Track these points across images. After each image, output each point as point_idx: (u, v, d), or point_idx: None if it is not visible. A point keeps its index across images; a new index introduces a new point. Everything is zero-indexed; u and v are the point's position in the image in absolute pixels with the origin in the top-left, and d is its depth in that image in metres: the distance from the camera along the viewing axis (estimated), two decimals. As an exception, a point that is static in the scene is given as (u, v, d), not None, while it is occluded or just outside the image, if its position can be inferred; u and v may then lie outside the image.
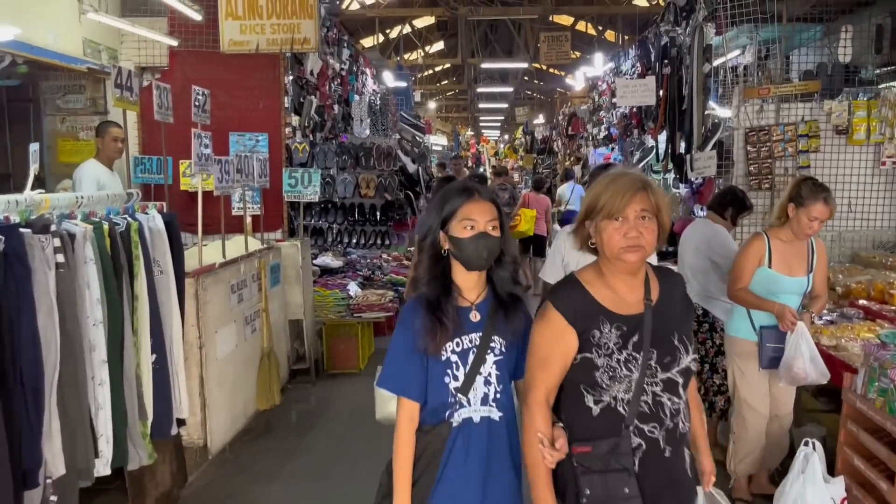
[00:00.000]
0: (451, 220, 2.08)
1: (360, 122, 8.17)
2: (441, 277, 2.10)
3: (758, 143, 5.98)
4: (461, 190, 2.11)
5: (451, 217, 2.08)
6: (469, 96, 30.93)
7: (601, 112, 12.23)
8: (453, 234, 2.06)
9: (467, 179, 7.22)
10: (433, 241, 2.10)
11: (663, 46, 6.50)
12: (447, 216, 2.09)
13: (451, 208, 2.08)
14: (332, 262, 7.71)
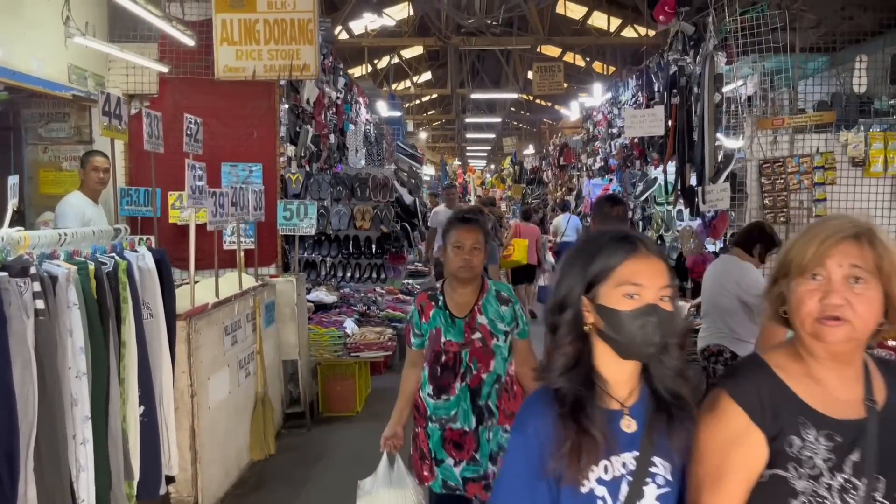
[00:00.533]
0: (601, 282, 1.46)
1: (355, 151, 7.91)
2: (583, 366, 1.49)
3: (772, 176, 5.78)
4: (618, 239, 1.48)
5: (602, 278, 1.46)
6: (457, 126, 30.90)
7: (596, 142, 12.08)
8: (605, 303, 1.45)
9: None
10: (576, 315, 1.48)
11: (671, 76, 6.32)
12: (597, 276, 1.46)
13: (605, 266, 1.46)
14: (326, 297, 7.39)
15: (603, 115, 11.30)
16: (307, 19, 5.38)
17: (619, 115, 9.80)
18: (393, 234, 7.96)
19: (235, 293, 4.68)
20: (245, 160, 5.98)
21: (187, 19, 5.88)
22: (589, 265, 1.47)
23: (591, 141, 12.79)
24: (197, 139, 4.81)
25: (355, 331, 6.45)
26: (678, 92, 6.24)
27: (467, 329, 2.87)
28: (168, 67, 5.80)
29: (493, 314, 2.89)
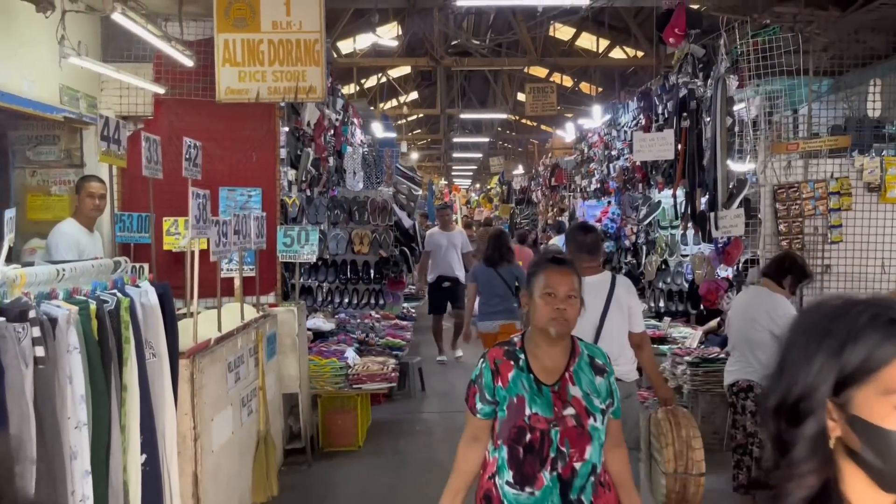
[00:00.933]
0: (859, 383, 1.02)
1: (353, 174, 7.72)
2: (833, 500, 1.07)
3: (787, 201, 5.65)
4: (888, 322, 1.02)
5: (860, 378, 1.02)
6: (443, 146, 30.82)
7: (591, 164, 11.96)
8: (865, 415, 1.02)
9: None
10: (821, 429, 1.05)
11: (681, 99, 6.19)
12: (853, 374, 1.03)
13: (866, 360, 1.01)
14: (323, 324, 7.14)
15: (599, 136, 11.19)
16: (314, 39, 5.20)
17: (617, 138, 9.69)
18: (392, 259, 7.75)
19: (238, 326, 4.44)
20: (244, 184, 5.76)
21: (185, 38, 5.68)
22: (839, 354, 1.03)
23: (585, 162, 12.68)
24: (196, 164, 4.58)
25: (357, 361, 6.21)
26: (688, 115, 6.11)
27: (557, 401, 2.37)
28: (165, 88, 5.58)
29: (587, 385, 2.41)
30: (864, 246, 5.68)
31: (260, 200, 5.77)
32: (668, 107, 7.24)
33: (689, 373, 5.87)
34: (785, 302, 4.20)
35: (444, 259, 8.66)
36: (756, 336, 4.16)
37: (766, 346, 4.08)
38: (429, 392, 7.84)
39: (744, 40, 5.71)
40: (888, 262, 5.69)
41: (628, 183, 8.81)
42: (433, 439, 6.45)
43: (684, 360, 5.98)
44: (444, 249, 8.61)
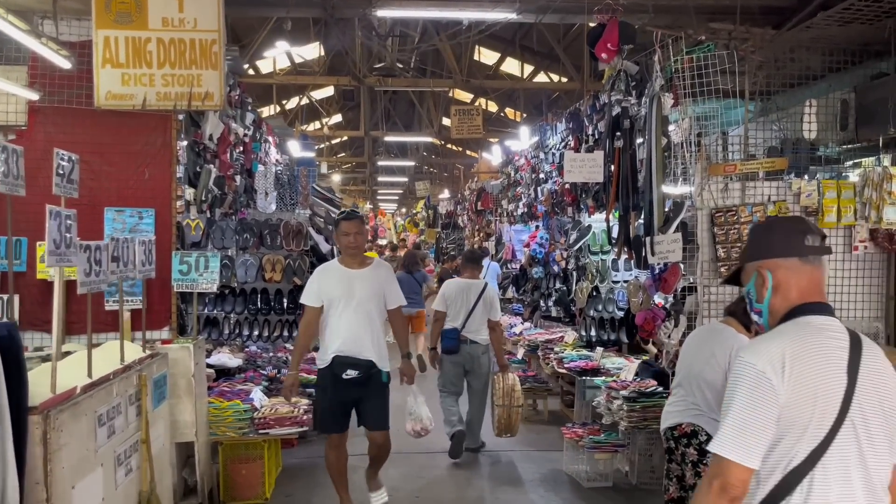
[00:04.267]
0: None
1: (264, 195, 7.10)
2: None
3: (725, 225, 5.36)
4: None
5: None
6: (368, 169, 30.28)
7: (518, 188, 11.65)
8: None
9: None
10: None
11: (614, 117, 5.87)
12: None
13: None
14: (229, 360, 6.46)
15: (526, 159, 10.90)
16: (211, 40, 4.61)
17: (545, 160, 9.39)
18: (307, 287, 7.12)
19: (116, 369, 3.77)
20: (134, 204, 5.09)
21: (65, 39, 5.00)
22: None
23: (511, 186, 12.38)
24: (71, 179, 3.92)
25: (264, 402, 5.57)
26: (622, 135, 5.79)
27: None
28: (39, 94, 4.88)
29: None
30: (803, 272, 5.45)
31: (153, 223, 5.11)
32: (598, 127, 6.95)
33: (626, 408, 5.49)
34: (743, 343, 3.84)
35: None
36: (710, 375, 3.78)
37: (718, 389, 3.70)
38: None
39: (678, 57, 5.44)
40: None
41: (557, 207, 8.49)
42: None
43: (620, 394, 5.60)
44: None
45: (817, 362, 1.93)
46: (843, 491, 1.91)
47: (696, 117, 5.60)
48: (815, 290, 2.05)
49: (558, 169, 8.50)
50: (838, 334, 2.00)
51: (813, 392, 1.91)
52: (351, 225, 4.86)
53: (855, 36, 5.38)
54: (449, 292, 6.74)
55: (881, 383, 1.98)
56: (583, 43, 11.08)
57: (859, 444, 1.92)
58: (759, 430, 1.90)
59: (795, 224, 2.15)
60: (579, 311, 7.62)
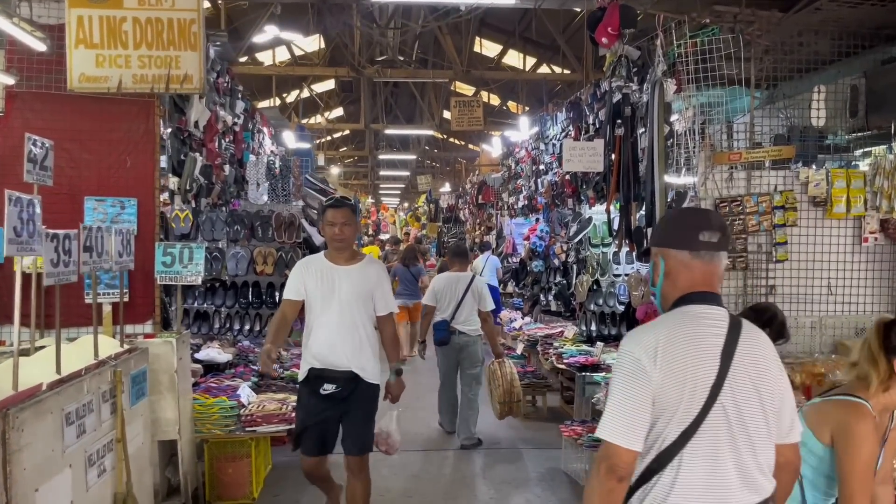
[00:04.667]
0: None
1: (256, 185, 6.91)
2: None
3: (729, 216, 5.16)
4: None
5: None
6: (370, 163, 30.09)
7: (519, 180, 11.46)
8: None
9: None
10: None
11: (615, 105, 5.67)
12: None
13: None
14: (218, 355, 6.28)
15: (527, 151, 10.70)
16: (189, 19, 4.40)
17: (545, 151, 9.19)
18: (300, 280, 6.94)
19: (88, 365, 3.59)
20: (115, 194, 4.90)
21: (43, 21, 4.81)
22: None
23: (512, 178, 12.19)
24: (44, 166, 3.74)
25: (252, 399, 5.39)
26: (622, 122, 5.59)
27: None
28: (16, 78, 4.69)
29: None
30: (811, 265, 5.25)
31: (135, 213, 4.92)
32: (599, 116, 6.75)
33: (627, 406, 5.29)
34: None
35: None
36: None
37: None
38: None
39: (681, 41, 5.23)
40: (834, 283, 5.28)
41: (557, 199, 8.29)
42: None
43: (621, 391, 5.40)
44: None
45: (688, 349, 2.03)
46: (713, 470, 2.00)
47: (699, 105, 5.41)
48: (703, 281, 2.13)
49: (558, 160, 8.30)
50: (717, 321, 2.08)
51: (682, 377, 2.00)
52: (338, 214, 4.18)
53: (865, 18, 5.16)
54: (438, 286, 6.92)
55: (756, 368, 2.07)
56: (585, 34, 10.86)
57: (730, 426, 2.01)
58: (638, 414, 2.01)
59: (694, 218, 2.26)
60: (579, 306, 7.43)
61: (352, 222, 4.28)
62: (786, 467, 2.16)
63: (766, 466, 2.08)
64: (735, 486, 2.01)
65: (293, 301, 4.31)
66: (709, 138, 5.44)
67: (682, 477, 2.00)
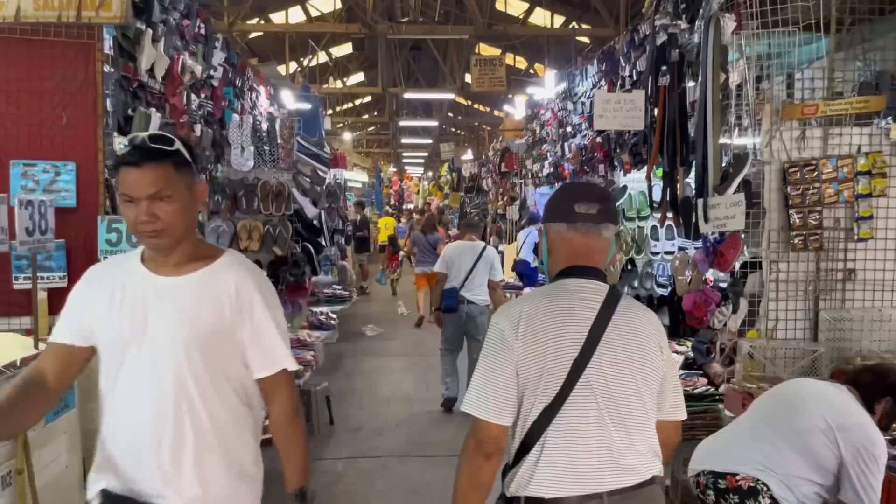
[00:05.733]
0: None
1: (240, 150, 6.04)
2: None
3: (801, 184, 4.17)
4: None
5: None
6: (391, 130, 29.16)
7: (544, 145, 10.45)
8: None
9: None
10: None
11: (659, 48, 4.67)
12: None
13: None
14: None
15: (553, 112, 9.68)
16: (107, -74, 3.51)
17: (573, 111, 8.18)
18: (291, 258, 6.09)
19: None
20: (49, 157, 4.07)
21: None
22: None
23: (537, 144, 11.18)
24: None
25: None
26: (668, 70, 4.59)
27: None
28: (-81, 14, 3.83)
29: None
30: (905, 245, 4.26)
31: (73, 179, 4.09)
32: (637, 67, 5.74)
33: (669, 414, 4.38)
34: (869, 425, 2.71)
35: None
36: (802, 424, 2.70)
37: (797, 451, 2.65)
38: (339, 426, 6.23)
39: (744, -34, 4.21)
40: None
41: (586, 165, 7.30)
42: (331, 497, 4.86)
43: (661, 395, 4.48)
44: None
45: (551, 322, 1.96)
46: (579, 451, 1.91)
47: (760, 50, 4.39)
48: (582, 255, 2.06)
49: (588, 120, 7.31)
50: (590, 295, 2.00)
51: (542, 350, 1.93)
52: (140, 179, 1.92)
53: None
54: (449, 254, 6.91)
55: (630, 346, 1.98)
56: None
57: (598, 405, 1.93)
58: (502, 388, 1.94)
59: (572, 190, 2.20)
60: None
61: (176, 191, 1.95)
62: (665, 442, 2.06)
63: (646, 448, 1.97)
64: (604, 467, 1.91)
65: (63, 349, 2.09)
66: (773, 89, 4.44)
67: (546, 457, 1.92)
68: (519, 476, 1.95)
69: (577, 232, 2.04)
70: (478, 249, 6.83)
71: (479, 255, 6.76)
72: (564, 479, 1.90)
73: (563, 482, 1.90)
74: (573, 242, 2.05)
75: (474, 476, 1.97)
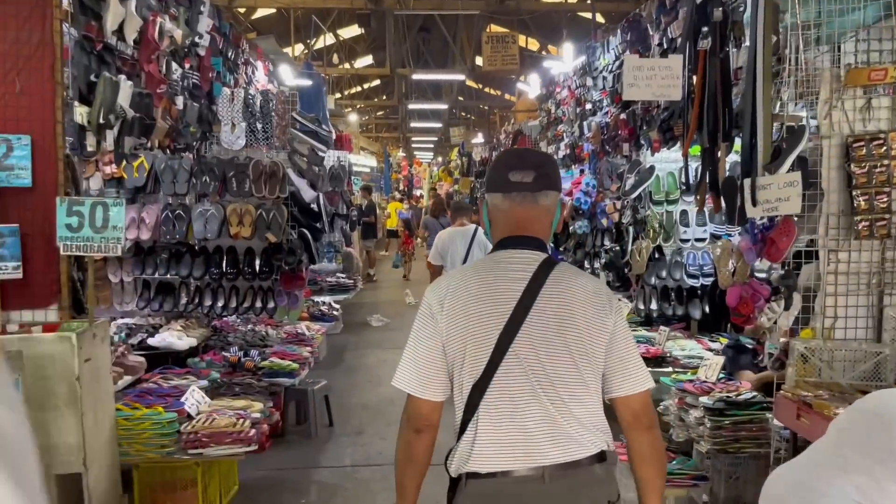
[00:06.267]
0: None
1: (230, 126, 5.51)
2: None
3: (867, 160, 3.61)
4: None
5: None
6: (400, 113, 28.55)
7: (560, 126, 9.87)
8: None
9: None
10: None
11: (700, 6, 4.09)
12: None
13: None
14: (178, 340, 4.98)
15: (570, 90, 9.10)
16: None
17: (593, 87, 7.60)
18: (286, 245, 5.57)
19: None
20: (0, 130, 3.55)
21: None
22: None
23: (552, 125, 10.60)
24: None
25: (202, 407, 4.05)
26: (709, 31, 4.01)
27: None
28: None
29: None
30: None
31: (28, 155, 3.56)
32: (668, 34, 5.16)
33: (709, 424, 3.85)
34: None
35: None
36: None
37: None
38: (338, 429, 5.73)
39: None
40: None
41: (608, 144, 6.73)
42: None
43: (700, 402, 3.95)
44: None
45: (477, 294, 1.90)
46: (512, 426, 1.84)
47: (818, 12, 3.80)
48: (517, 225, 1.99)
49: (610, 96, 6.74)
50: (522, 266, 1.93)
51: (465, 324, 1.88)
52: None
53: None
54: (441, 243, 6.61)
55: (563, 315, 1.89)
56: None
57: (530, 378, 1.85)
58: (428, 363, 1.91)
59: (507, 158, 2.11)
60: (636, 278, 5.93)
61: None
62: (635, 424, 1.94)
63: (587, 421, 1.87)
64: (543, 440, 1.84)
65: None
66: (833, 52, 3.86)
67: (482, 433, 1.85)
68: (459, 454, 1.90)
69: (512, 201, 1.97)
70: (469, 233, 6.56)
71: (471, 239, 6.50)
72: (501, 454, 1.85)
73: (500, 456, 1.84)
74: (509, 213, 1.98)
75: (407, 449, 1.95)
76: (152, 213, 5.41)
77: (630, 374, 1.93)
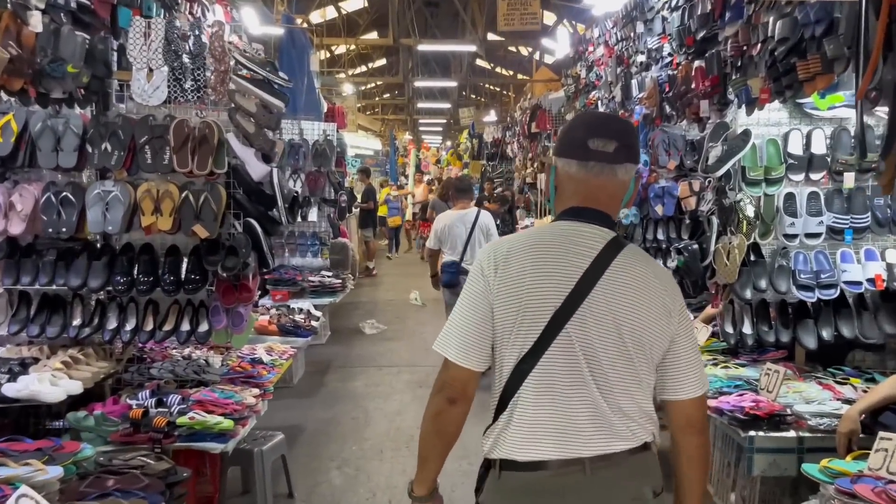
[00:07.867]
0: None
1: (145, 72, 3.84)
2: None
3: None
4: None
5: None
6: (406, 93, 26.82)
7: (592, 93, 8.14)
8: None
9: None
10: None
11: None
12: None
13: None
14: (47, 387, 3.31)
15: (606, 46, 7.37)
16: None
17: (647, 32, 5.87)
18: (225, 242, 3.88)
19: None
20: None
21: None
22: None
23: (581, 93, 8.87)
24: None
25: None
26: None
27: None
28: None
29: None
30: None
31: None
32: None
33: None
34: None
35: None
36: None
37: None
38: (301, 501, 4.06)
39: None
40: None
41: (673, 104, 4.99)
42: None
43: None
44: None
45: (536, 263, 1.74)
46: (556, 411, 1.70)
47: None
48: (588, 196, 1.81)
49: (678, 38, 4.99)
50: (587, 240, 1.76)
51: (519, 292, 1.72)
52: None
53: None
54: (440, 227, 6.48)
55: (623, 303, 1.72)
56: None
57: (579, 362, 1.70)
58: (474, 329, 1.77)
59: (589, 121, 1.91)
60: (721, 289, 4.21)
61: None
62: (688, 429, 1.81)
63: (635, 413, 1.73)
64: (588, 429, 1.70)
65: None
66: None
67: (521, 414, 1.72)
68: (495, 435, 1.76)
69: (588, 172, 1.79)
70: (471, 217, 6.48)
71: (473, 223, 6.43)
72: (542, 441, 1.71)
73: (541, 444, 1.70)
74: (582, 183, 1.80)
75: (436, 421, 1.80)
76: (28, 195, 3.74)
77: (689, 378, 1.79)
